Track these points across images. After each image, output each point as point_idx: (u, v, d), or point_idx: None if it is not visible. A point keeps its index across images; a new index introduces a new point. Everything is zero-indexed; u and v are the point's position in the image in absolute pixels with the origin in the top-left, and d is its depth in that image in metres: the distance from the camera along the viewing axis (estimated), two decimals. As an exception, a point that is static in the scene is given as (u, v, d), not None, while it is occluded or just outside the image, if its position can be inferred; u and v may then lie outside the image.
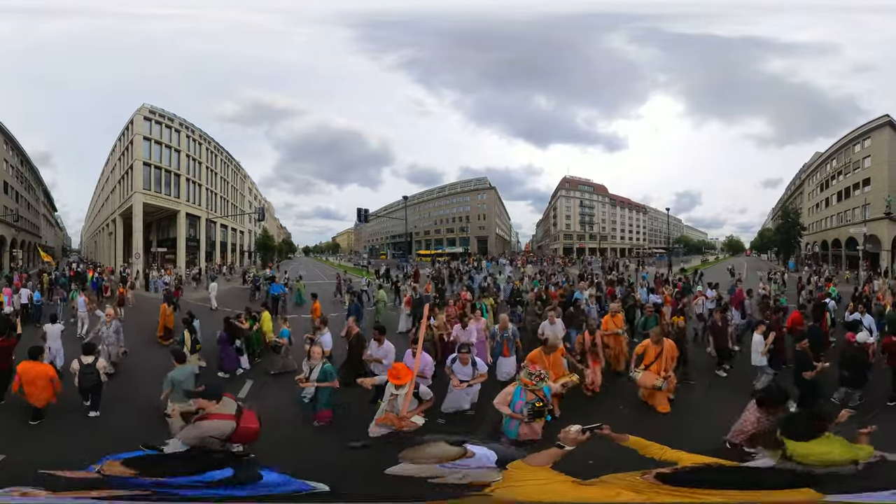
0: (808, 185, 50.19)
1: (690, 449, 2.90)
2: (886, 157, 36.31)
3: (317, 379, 6.20)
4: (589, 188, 71.55)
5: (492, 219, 67.81)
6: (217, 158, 47.69)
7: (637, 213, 77.61)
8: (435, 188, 74.42)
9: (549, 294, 13.72)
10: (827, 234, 43.87)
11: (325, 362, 6.39)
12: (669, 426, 6.34)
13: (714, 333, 8.90)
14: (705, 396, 7.44)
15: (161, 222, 43.57)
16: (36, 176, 50.71)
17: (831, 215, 43.71)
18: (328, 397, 6.30)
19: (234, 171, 52.15)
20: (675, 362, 6.83)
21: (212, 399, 4.20)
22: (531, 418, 5.05)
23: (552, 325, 8.24)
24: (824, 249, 44.18)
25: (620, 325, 8.59)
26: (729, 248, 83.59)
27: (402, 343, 8.85)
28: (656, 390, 6.60)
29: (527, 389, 5.14)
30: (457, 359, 6.29)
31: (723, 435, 5.21)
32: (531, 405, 4.99)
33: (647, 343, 6.96)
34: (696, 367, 8.56)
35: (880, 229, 35.19)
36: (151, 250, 39.06)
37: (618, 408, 6.99)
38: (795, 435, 3.78)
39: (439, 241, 69.64)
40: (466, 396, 6.28)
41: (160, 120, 39.84)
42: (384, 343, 7.20)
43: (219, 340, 8.84)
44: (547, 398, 5.17)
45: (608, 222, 72.65)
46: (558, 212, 70.19)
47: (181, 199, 41.37)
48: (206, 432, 4.01)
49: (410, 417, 4.99)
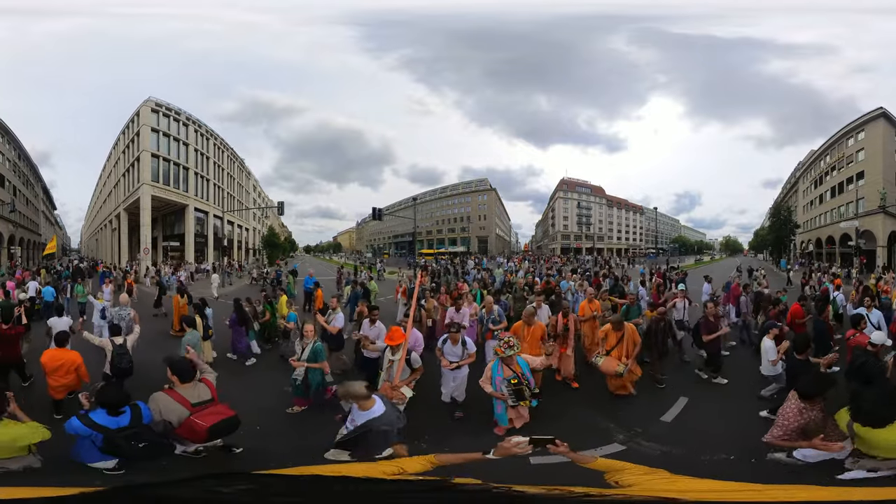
0: (802, 182, 49.89)
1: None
2: (881, 149, 35.26)
3: (307, 359, 5.94)
4: (587, 190, 72.92)
5: (492, 219, 68.66)
6: (224, 154, 47.47)
7: (633, 214, 79.08)
8: (437, 188, 75.46)
9: (534, 283, 13.88)
10: (821, 232, 43.06)
11: (316, 340, 6.11)
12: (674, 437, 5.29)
13: (706, 330, 7.35)
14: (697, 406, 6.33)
15: (167, 217, 42.79)
16: (35, 172, 49.65)
17: (825, 212, 43.06)
18: (321, 377, 6.01)
19: (240, 168, 52.12)
20: (637, 348, 6.54)
21: (177, 375, 4.07)
22: (515, 400, 4.98)
23: (539, 310, 8.16)
24: (818, 247, 43.30)
25: (597, 310, 8.51)
26: (726, 248, 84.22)
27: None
28: (617, 377, 6.39)
29: (503, 363, 5.09)
30: (447, 339, 6.10)
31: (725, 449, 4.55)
32: (508, 381, 4.95)
33: (607, 327, 6.78)
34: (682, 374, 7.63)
35: (874, 224, 34.00)
36: (162, 245, 38.54)
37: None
38: (874, 419, 3.15)
39: (441, 241, 70.25)
40: (453, 382, 6.01)
41: (167, 113, 39.16)
42: (377, 323, 7.12)
43: (230, 323, 8.93)
44: (525, 375, 5.05)
45: (605, 223, 73.95)
46: (556, 213, 71.33)
47: (190, 193, 40.63)
48: (158, 405, 3.87)
49: (401, 387, 5.02)
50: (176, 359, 4.44)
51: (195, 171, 41.64)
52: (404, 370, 5.34)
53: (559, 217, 70.96)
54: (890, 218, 33.45)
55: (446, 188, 74.00)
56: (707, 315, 7.53)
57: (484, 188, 69.82)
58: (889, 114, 35.41)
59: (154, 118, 37.84)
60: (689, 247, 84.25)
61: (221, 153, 47.25)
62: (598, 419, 5.85)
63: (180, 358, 4.68)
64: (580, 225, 70.95)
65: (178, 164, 39.88)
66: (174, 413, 3.88)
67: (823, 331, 7.76)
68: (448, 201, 72.40)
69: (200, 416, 3.88)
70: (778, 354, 6.25)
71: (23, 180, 44.60)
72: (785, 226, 42.90)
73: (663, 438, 5.25)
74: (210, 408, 4.02)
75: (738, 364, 8.03)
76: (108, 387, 4.62)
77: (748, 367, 7.49)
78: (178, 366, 4.18)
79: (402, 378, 5.23)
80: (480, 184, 70.35)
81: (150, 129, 37.27)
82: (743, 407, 6.19)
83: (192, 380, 4.13)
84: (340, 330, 7.83)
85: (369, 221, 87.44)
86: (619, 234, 76.92)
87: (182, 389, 4.02)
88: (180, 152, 40.30)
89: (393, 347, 5.55)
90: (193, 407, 3.93)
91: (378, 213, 31.53)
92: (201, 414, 3.91)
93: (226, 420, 4.00)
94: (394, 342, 5.50)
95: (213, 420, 3.89)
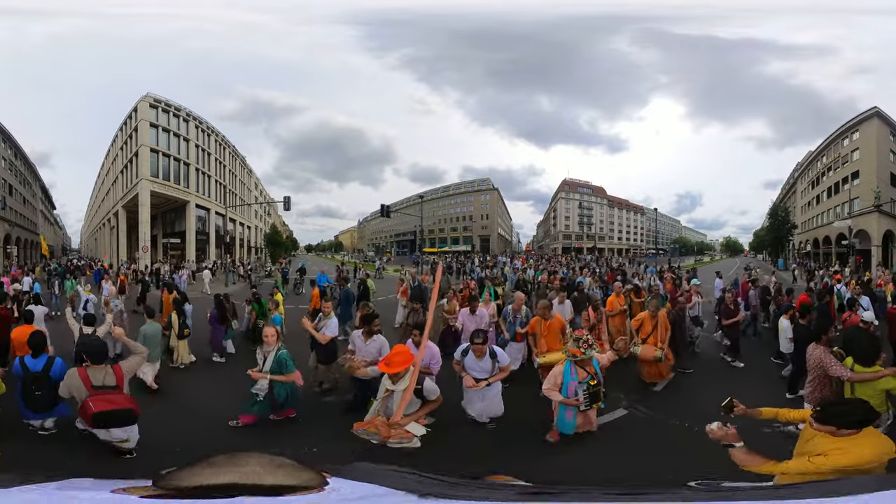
0: (800, 183, 49.48)
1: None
2: (875, 148, 35.32)
3: (270, 370, 4.90)
4: (588, 190, 73.40)
5: (494, 219, 69.01)
6: (225, 151, 47.21)
7: (634, 215, 79.62)
8: (439, 188, 75.81)
9: (551, 280, 13.90)
10: (818, 232, 42.86)
11: (279, 347, 5.04)
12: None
13: (726, 316, 8.19)
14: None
15: (167, 215, 42.19)
16: (32, 171, 48.92)
17: (822, 212, 42.84)
18: (287, 391, 5.02)
19: (241, 165, 51.95)
20: (668, 332, 6.73)
21: (89, 357, 4.09)
22: (588, 404, 4.40)
23: (561, 305, 7.81)
24: (816, 248, 42.98)
25: (623, 304, 8.63)
26: (726, 248, 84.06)
27: (395, 338, 7.23)
28: (657, 362, 6.53)
29: (576, 364, 4.45)
30: (469, 350, 4.86)
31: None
32: (586, 384, 4.39)
33: (643, 316, 6.94)
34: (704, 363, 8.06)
35: (869, 223, 33.76)
36: (162, 242, 37.77)
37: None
38: (859, 355, 4.10)
39: (443, 240, 70.62)
40: (481, 402, 4.88)
41: (167, 108, 38.49)
42: (375, 337, 5.43)
43: (209, 319, 8.57)
44: (598, 374, 4.57)
45: (606, 223, 74.45)
46: (558, 213, 71.75)
47: (190, 189, 39.96)
48: (68, 379, 4.05)
49: (405, 425, 3.74)
50: (87, 340, 4.71)
51: (196, 166, 40.95)
52: (413, 402, 3.94)
53: (560, 217, 71.40)
54: (885, 217, 33.54)
55: (448, 187, 74.52)
56: (727, 303, 8.39)
57: (486, 188, 70.23)
58: (883, 113, 35.61)
59: (153, 113, 37.27)
60: (689, 247, 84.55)
61: (223, 150, 46.90)
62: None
63: (93, 339, 4.98)
64: (581, 225, 71.40)
65: (179, 160, 39.22)
66: (78, 390, 3.97)
67: (826, 311, 8.84)
68: (450, 200, 72.83)
69: (93, 400, 3.88)
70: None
71: (19, 179, 44.01)
72: (783, 226, 43.46)
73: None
74: (109, 395, 3.97)
75: (746, 349, 8.52)
76: (36, 332, 5.01)
77: (758, 352, 8.48)
78: (89, 346, 4.21)
79: (408, 412, 3.88)
80: (483, 183, 70.80)
81: (148, 124, 36.74)
82: (759, 389, 6.73)
83: (101, 363, 4.12)
84: (333, 339, 6.30)
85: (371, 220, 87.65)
86: (620, 235, 77.42)
87: (92, 370, 4.04)
88: (180, 148, 39.65)
89: (391, 376, 3.96)
90: (93, 389, 3.94)
91: (386, 211, 32.67)
92: (95, 398, 3.90)
93: (119, 411, 3.93)
94: (391, 369, 3.85)
95: (102, 407, 3.86)
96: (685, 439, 4.70)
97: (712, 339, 9.41)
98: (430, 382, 4.14)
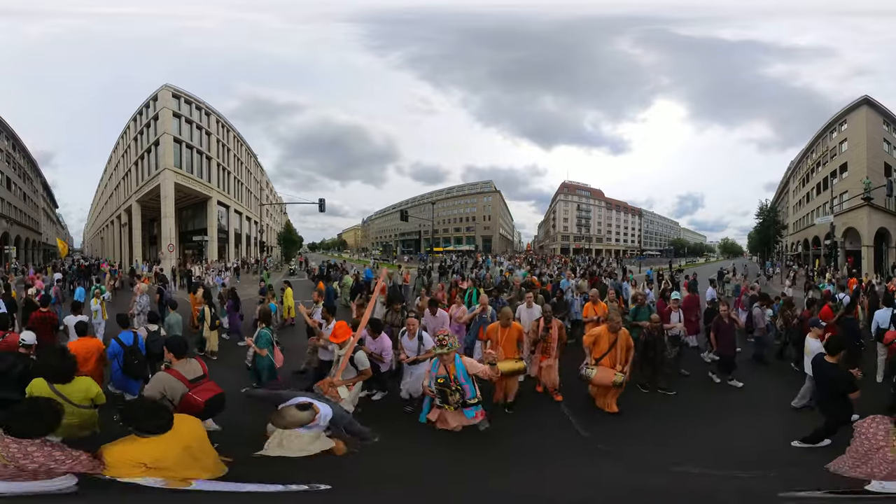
0: (792, 182, 47.55)
1: None
2: (864, 137, 32.10)
3: (254, 342, 6.11)
4: (587, 193, 75.96)
5: (496, 220, 70.79)
6: (242, 148, 46.50)
7: (632, 217, 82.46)
8: (443, 189, 77.37)
9: (533, 282, 13.75)
10: (808, 233, 40.55)
11: (263, 327, 6.30)
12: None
13: (717, 333, 7.17)
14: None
15: (183, 212, 39.09)
16: (34, 166, 46.27)
17: (811, 211, 40.42)
18: (268, 365, 6.03)
19: (256, 163, 51.71)
20: (630, 353, 5.87)
21: (172, 352, 4.29)
22: (441, 399, 4.71)
23: (529, 309, 7.63)
24: (806, 249, 41.08)
25: (602, 313, 7.92)
26: (725, 250, 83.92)
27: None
28: (614, 388, 5.64)
29: (441, 361, 4.79)
30: (405, 332, 6.03)
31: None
32: (435, 379, 4.72)
33: (599, 330, 5.94)
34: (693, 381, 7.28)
35: (859, 220, 30.65)
36: (195, 239, 35.09)
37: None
38: None
39: (447, 240, 71.88)
40: (409, 378, 5.88)
41: (189, 100, 36.33)
42: (379, 338, 5.98)
43: (227, 308, 10.33)
44: (458, 378, 4.66)
45: (604, 225, 76.98)
46: (557, 215, 73.98)
47: (213, 184, 37.97)
48: (162, 384, 4.00)
49: (338, 386, 4.73)
50: (171, 337, 5.17)
51: (217, 161, 39.13)
52: (348, 369, 5.04)
53: (559, 219, 73.64)
54: (876, 213, 30.07)
55: (452, 189, 76.54)
56: (721, 316, 7.29)
57: (488, 190, 72.20)
58: (872, 100, 32.93)
59: (175, 103, 34.72)
60: (689, 249, 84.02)
61: (240, 147, 46.02)
62: (577, 430, 5.33)
63: (174, 336, 5.67)
64: (580, 227, 73.76)
65: (202, 153, 37.10)
66: (176, 390, 4.00)
67: (854, 330, 7.62)
68: (454, 202, 74.72)
69: (197, 392, 4.04)
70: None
71: (18, 172, 41.06)
72: (771, 227, 41.52)
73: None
74: (204, 384, 4.20)
75: (746, 375, 7.46)
76: (120, 314, 6.53)
77: (762, 377, 7.56)
78: (173, 343, 4.47)
79: (344, 377, 4.96)
80: (485, 186, 72.82)
81: (171, 112, 34.07)
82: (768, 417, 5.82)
83: (185, 356, 4.33)
84: (320, 324, 7.03)
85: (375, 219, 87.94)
86: (618, 236, 79.90)
87: (178, 366, 4.20)
88: (202, 140, 37.27)
89: (339, 344, 5.26)
90: (191, 383, 4.11)
91: (405, 215, 34.49)
92: (197, 390, 4.07)
93: (219, 395, 4.20)
94: (337, 339, 5.24)
95: (207, 395, 4.07)
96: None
97: (701, 358, 8.32)
98: (361, 354, 5.21)
